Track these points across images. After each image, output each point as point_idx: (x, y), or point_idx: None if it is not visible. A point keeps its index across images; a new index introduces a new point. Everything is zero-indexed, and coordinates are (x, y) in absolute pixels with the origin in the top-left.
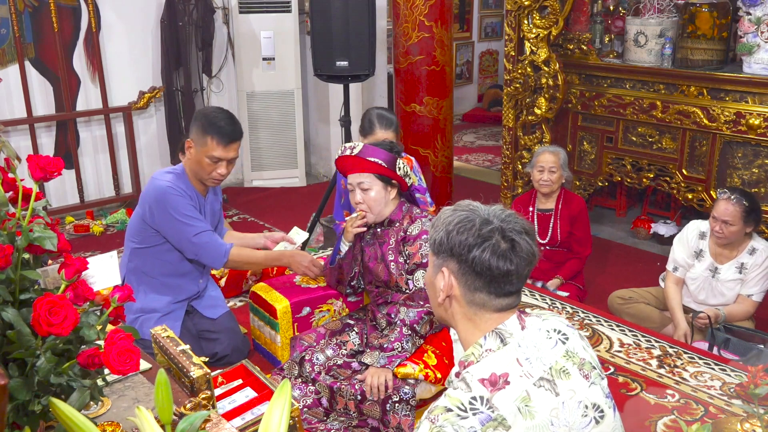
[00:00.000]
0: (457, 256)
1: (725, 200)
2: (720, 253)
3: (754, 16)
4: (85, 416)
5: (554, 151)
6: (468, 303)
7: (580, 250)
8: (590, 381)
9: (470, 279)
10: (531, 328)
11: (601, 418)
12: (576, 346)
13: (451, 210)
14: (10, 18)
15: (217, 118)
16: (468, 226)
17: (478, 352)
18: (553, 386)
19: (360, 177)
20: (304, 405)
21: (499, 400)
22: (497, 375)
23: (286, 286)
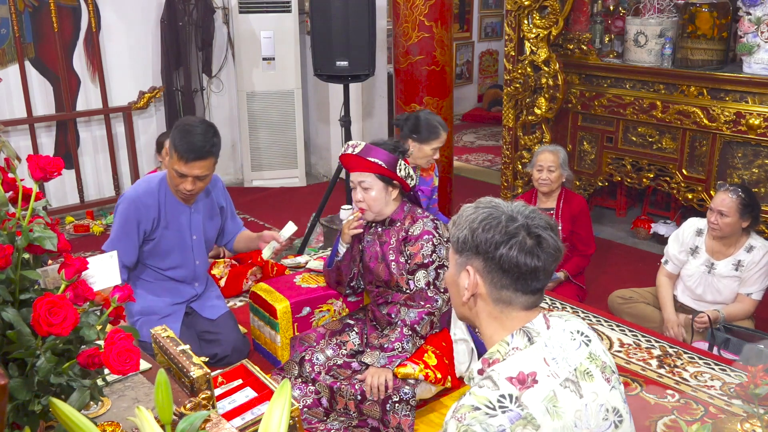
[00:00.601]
0: (483, 254)
1: (723, 191)
2: (717, 250)
3: (754, 16)
4: (85, 416)
5: (554, 150)
6: (494, 301)
7: (585, 248)
8: (611, 385)
9: (497, 277)
10: (556, 328)
11: (620, 422)
12: (598, 349)
13: (473, 207)
14: (10, 18)
15: (187, 132)
16: (494, 223)
17: (504, 350)
18: (577, 388)
19: (361, 176)
20: (304, 405)
21: (528, 399)
22: (525, 374)
23: (286, 286)
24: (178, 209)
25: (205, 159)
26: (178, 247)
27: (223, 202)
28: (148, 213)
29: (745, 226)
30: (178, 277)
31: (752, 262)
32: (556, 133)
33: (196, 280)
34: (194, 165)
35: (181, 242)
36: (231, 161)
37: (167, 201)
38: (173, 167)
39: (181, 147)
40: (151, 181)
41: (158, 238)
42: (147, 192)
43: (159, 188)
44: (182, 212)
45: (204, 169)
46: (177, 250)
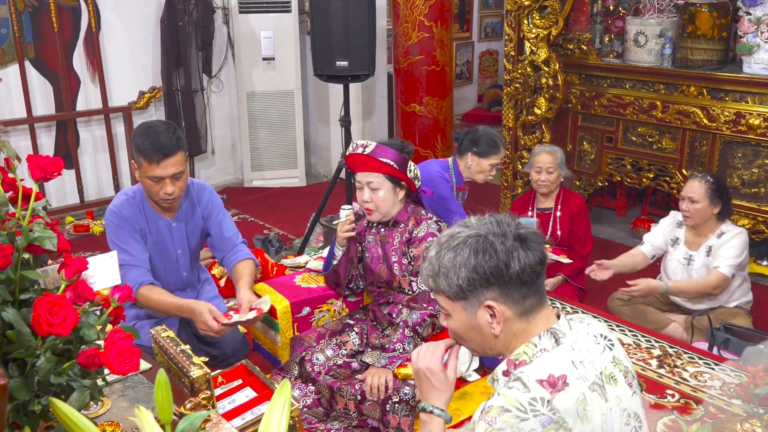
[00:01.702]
0: (497, 280)
1: (693, 179)
2: (693, 242)
3: (754, 16)
4: (85, 416)
5: (551, 150)
6: (522, 315)
7: (581, 248)
8: (633, 390)
9: (516, 292)
10: (579, 331)
11: (639, 428)
12: (620, 354)
13: (446, 249)
14: (10, 18)
15: (146, 134)
16: (488, 248)
17: (531, 352)
18: (603, 392)
19: (370, 176)
20: (304, 405)
21: (559, 402)
22: (555, 376)
23: (286, 286)
24: (158, 223)
25: (175, 154)
26: (163, 261)
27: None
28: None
29: (716, 211)
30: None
31: (722, 243)
32: (556, 133)
33: (187, 287)
34: (166, 163)
35: (165, 257)
36: (231, 161)
37: (147, 214)
38: (146, 175)
39: (149, 149)
40: (128, 193)
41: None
42: (125, 203)
43: (135, 200)
44: (163, 226)
45: (177, 165)
46: (162, 264)
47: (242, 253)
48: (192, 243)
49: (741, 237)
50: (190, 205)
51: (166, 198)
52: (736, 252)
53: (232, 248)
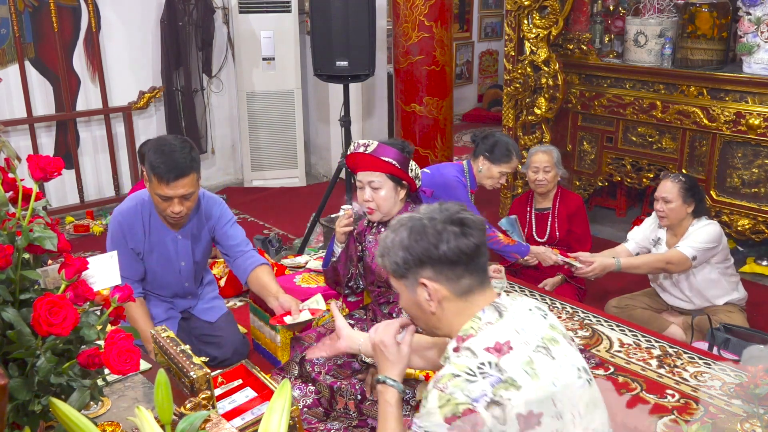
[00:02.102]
0: (427, 260)
1: (665, 179)
2: (672, 242)
3: (754, 16)
4: (85, 416)
5: (547, 150)
6: (458, 294)
7: (580, 248)
8: (574, 348)
9: (450, 272)
10: (516, 305)
11: (590, 381)
12: (555, 321)
13: (391, 232)
14: (10, 18)
15: (160, 152)
16: (421, 231)
17: (477, 325)
18: (548, 352)
19: (371, 176)
20: (304, 405)
21: (506, 363)
22: (501, 343)
23: (287, 286)
24: (163, 234)
25: (188, 176)
26: (165, 272)
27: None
28: (132, 231)
29: (690, 210)
30: (169, 296)
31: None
32: (556, 133)
33: (188, 295)
34: (177, 184)
35: (168, 268)
36: (231, 161)
37: (152, 224)
38: (155, 192)
39: (161, 168)
40: (137, 200)
41: (146, 263)
42: (131, 211)
43: (143, 208)
44: (168, 238)
45: (188, 186)
46: (165, 275)
47: (255, 259)
48: (197, 256)
49: (711, 226)
50: (198, 219)
51: (173, 216)
52: (702, 237)
53: (242, 254)
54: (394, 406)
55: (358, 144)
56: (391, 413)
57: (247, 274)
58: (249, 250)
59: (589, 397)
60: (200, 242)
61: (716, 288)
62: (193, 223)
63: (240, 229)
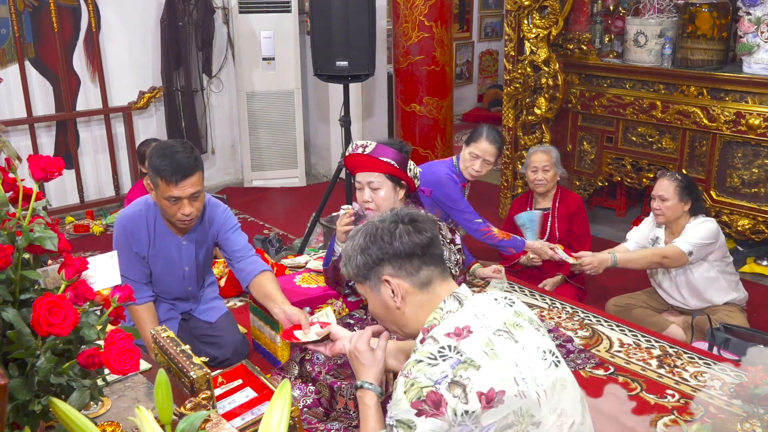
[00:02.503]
0: (385, 258)
1: (662, 178)
2: (670, 240)
3: (754, 16)
4: (85, 416)
5: (546, 150)
6: (419, 286)
7: (580, 247)
8: (541, 333)
9: (407, 266)
10: (481, 296)
11: (557, 363)
12: (522, 308)
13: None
14: (10, 18)
15: (163, 155)
16: (374, 232)
17: (439, 315)
18: (511, 335)
19: (370, 176)
20: (304, 405)
21: (465, 346)
22: (460, 328)
23: (287, 286)
24: (168, 240)
25: (194, 174)
26: (169, 276)
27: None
28: (137, 236)
29: (687, 208)
30: (171, 298)
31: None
32: (556, 133)
33: (190, 298)
34: (185, 184)
35: (172, 273)
36: (231, 161)
37: (157, 229)
38: (164, 196)
39: (167, 170)
40: (142, 205)
41: (150, 268)
42: (136, 215)
43: (148, 213)
44: (172, 243)
45: (196, 185)
46: (168, 279)
47: (258, 265)
48: (201, 260)
49: (708, 223)
50: (202, 225)
51: (184, 219)
52: (699, 233)
53: (244, 258)
54: (373, 408)
55: (357, 145)
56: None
57: (248, 280)
58: (251, 255)
59: (556, 378)
60: (204, 247)
61: (715, 287)
62: (197, 229)
63: (243, 236)
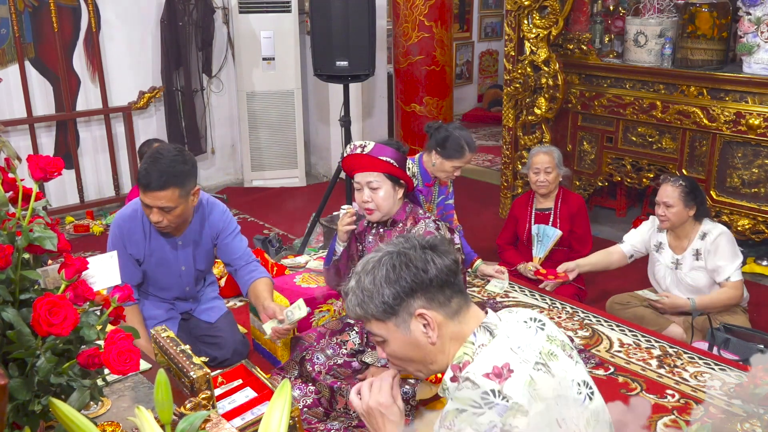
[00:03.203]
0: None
1: (665, 183)
2: (676, 245)
3: (754, 16)
4: (85, 416)
5: (548, 151)
6: (452, 317)
7: (581, 248)
8: (574, 360)
9: (440, 296)
10: (509, 320)
11: (592, 395)
12: (553, 331)
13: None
14: (10, 18)
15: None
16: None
17: (471, 350)
18: (548, 369)
19: (369, 176)
20: (304, 405)
21: (509, 389)
22: (499, 366)
23: (287, 286)
24: (162, 241)
25: (165, 189)
26: (166, 276)
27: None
28: (132, 237)
29: (692, 214)
30: (170, 298)
31: (709, 248)
32: (556, 133)
33: (189, 298)
34: (155, 195)
35: (169, 272)
36: (231, 161)
37: (153, 229)
38: (142, 199)
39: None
40: (138, 204)
41: (145, 264)
42: (132, 216)
43: (143, 213)
44: (168, 243)
45: (166, 200)
46: (165, 279)
47: (258, 272)
48: (199, 263)
49: (726, 236)
50: (199, 224)
51: (155, 223)
52: (730, 253)
53: (244, 266)
54: None
55: (355, 146)
56: None
57: (247, 287)
58: (252, 261)
59: (591, 413)
60: (201, 248)
61: (716, 288)
62: (195, 229)
63: (243, 240)
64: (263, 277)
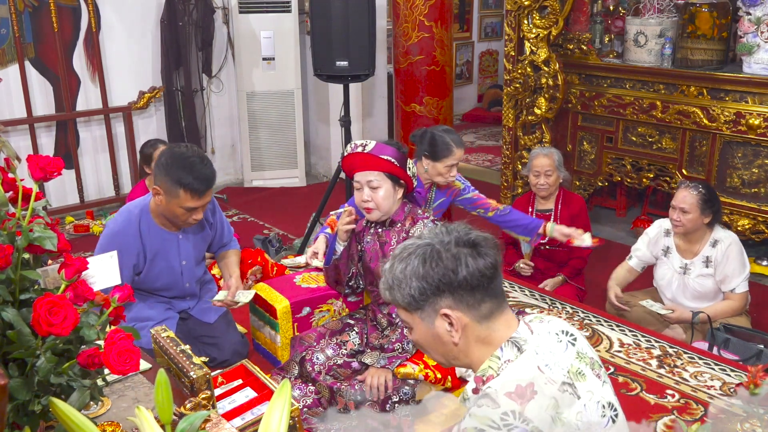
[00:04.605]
0: (447, 288)
1: (683, 188)
2: (686, 249)
3: (754, 16)
4: (85, 416)
5: (548, 153)
6: (480, 320)
7: (581, 249)
8: (602, 380)
9: (470, 298)
10: (540, 332)
11: (615, 417)
12: (584, 347)
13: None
14: (10, 18)
15: (186, 167)
16: (435, 256)
17: (496, 365)
18: (574, 390)
19: (370, 175)
20: (304, 405)
21: (531, 412)
22: (522, 386)
23: (286, 286)
24: (163, 239)
25: (210, 189)
26: (167, 274)
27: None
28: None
29: (707, 221)
30: (169, 296)
31: (720, 256)
32: (556, 133)
33: (187, 296)
34: (205, 198)
35: (169, 270)
36: (231, 161)
37: (151, 233)
38: (181, 206)
39: (194, 184)
40: (132, 212)
41: (145, 269)
42: (127, 224)
43: (140, 220)
44: (170, 240)
45: (212, 193)
46: (166, 277)
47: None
48: (199, 250)
49: (737, 246)
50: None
51: (193, 223)
52: (739, 263)
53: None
54: None
55: (356, 144)
56: None
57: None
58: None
59: None
60: (200, 236)
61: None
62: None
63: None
64: (235, 249)
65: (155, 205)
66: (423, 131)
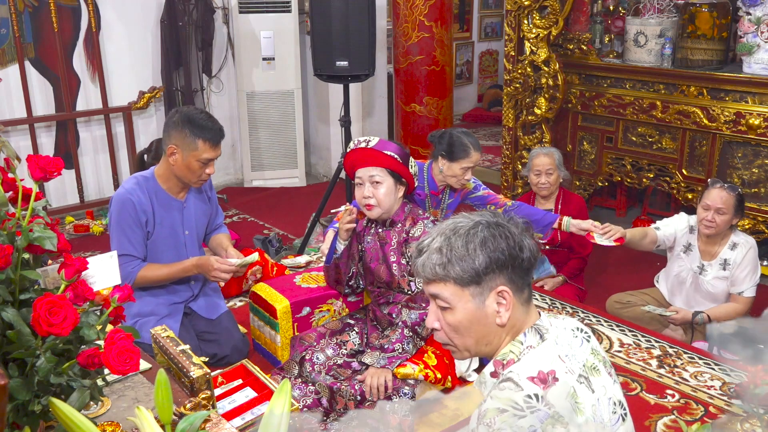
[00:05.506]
0: (509, 265)
1: (719, 188)
2: (706, 250)
3: (754, 16)
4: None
5: (548, 152)
6: (522, 304)
7: (581, 249)
8: (613, 379)
9: (520, 280)
10: (558, 326)
11: (625, 416)
12: (596, 344)
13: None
14: (10, 18)
15: (202, 119)
16: (503, 232)
17: (518, 350)
18: (589, 383)
19: (372, 170)
20: (304, 405)
21: (553, 397)
22: (545, 372)
23: (286, 286)
24: (170, 205)
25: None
26: (171, 244)
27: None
28: (142, 206)
29: (735, 223)
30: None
31: (737, 260)
32: (556, 133)
33: (191, 279)
34: (219, 146)
35: (174, 239)
36: (231, 161)
37: (158, 198)
38: (199, 158)
39: (209, 134)
40: (138, 179)
41: (153, 236)
42: (138, 187)
43: (147, 185)
44: (174, 208)
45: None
46: (170, 248)
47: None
48: (199, 225)
49: (754, 251)
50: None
51: (205, 179)
52: (753, 268)
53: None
54: None
55: (359, 140)
56: None
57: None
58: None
59: None
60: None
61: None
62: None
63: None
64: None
65: (166, 168)
66: (442, 132)
